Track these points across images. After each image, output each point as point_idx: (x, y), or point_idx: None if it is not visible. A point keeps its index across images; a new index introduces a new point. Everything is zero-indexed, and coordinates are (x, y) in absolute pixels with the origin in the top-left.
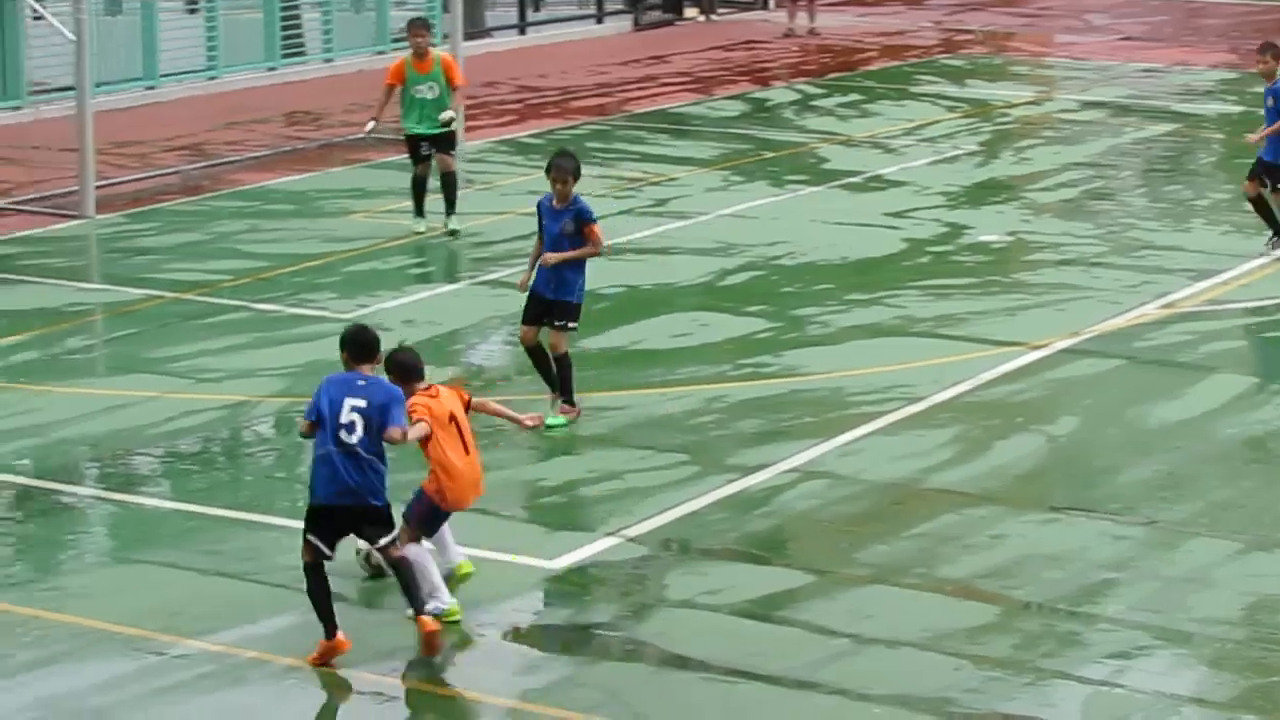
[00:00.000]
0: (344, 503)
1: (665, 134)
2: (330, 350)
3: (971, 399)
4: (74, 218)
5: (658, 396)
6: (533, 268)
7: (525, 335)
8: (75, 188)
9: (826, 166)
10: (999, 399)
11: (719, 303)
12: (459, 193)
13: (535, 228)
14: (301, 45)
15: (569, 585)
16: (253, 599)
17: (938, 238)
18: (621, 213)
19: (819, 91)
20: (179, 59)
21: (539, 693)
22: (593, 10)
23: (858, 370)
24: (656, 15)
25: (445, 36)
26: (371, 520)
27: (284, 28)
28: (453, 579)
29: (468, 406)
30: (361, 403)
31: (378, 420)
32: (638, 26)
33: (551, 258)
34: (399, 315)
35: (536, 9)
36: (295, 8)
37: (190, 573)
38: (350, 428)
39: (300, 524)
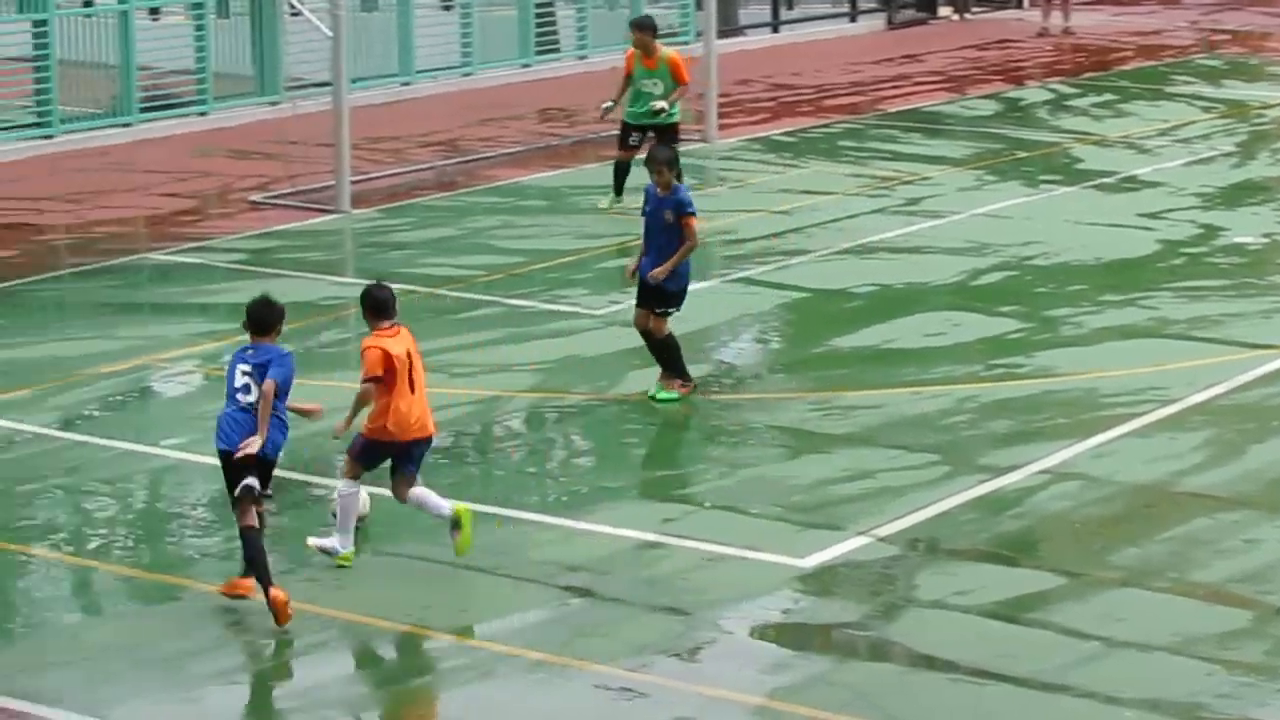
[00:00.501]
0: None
1: (918, 133)
2: (584, 345)
3: (1226, 402)
4: (329, 212)
5: (910, 396)
6: (640, 256)
7: (637, 319)
8: (331, 183)
9: (1080, 167)
10: (1254, 402)
11: (971, 302)
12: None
13: (786, 227)
14: (556, 42)
15: (818, 584)
16: (502, 593)
17: (1192, 239)
18: (874, 211)
19: (1073, 91)
20: (434, 55)
21: (787, 691)
22: (846, 9)
23: (1111, 372)
24: (910, 14)
25: (699, 34)
26: (255, 468)
27: (538, 24)
28: (459, 528)
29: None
30: (248, 367)
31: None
32: (891, 25)
33: (657, 274)
34: None
35: (790, 7)
36: (549, 5)
37: (441, 566)
38: (245, 389)
39: (552, 518)
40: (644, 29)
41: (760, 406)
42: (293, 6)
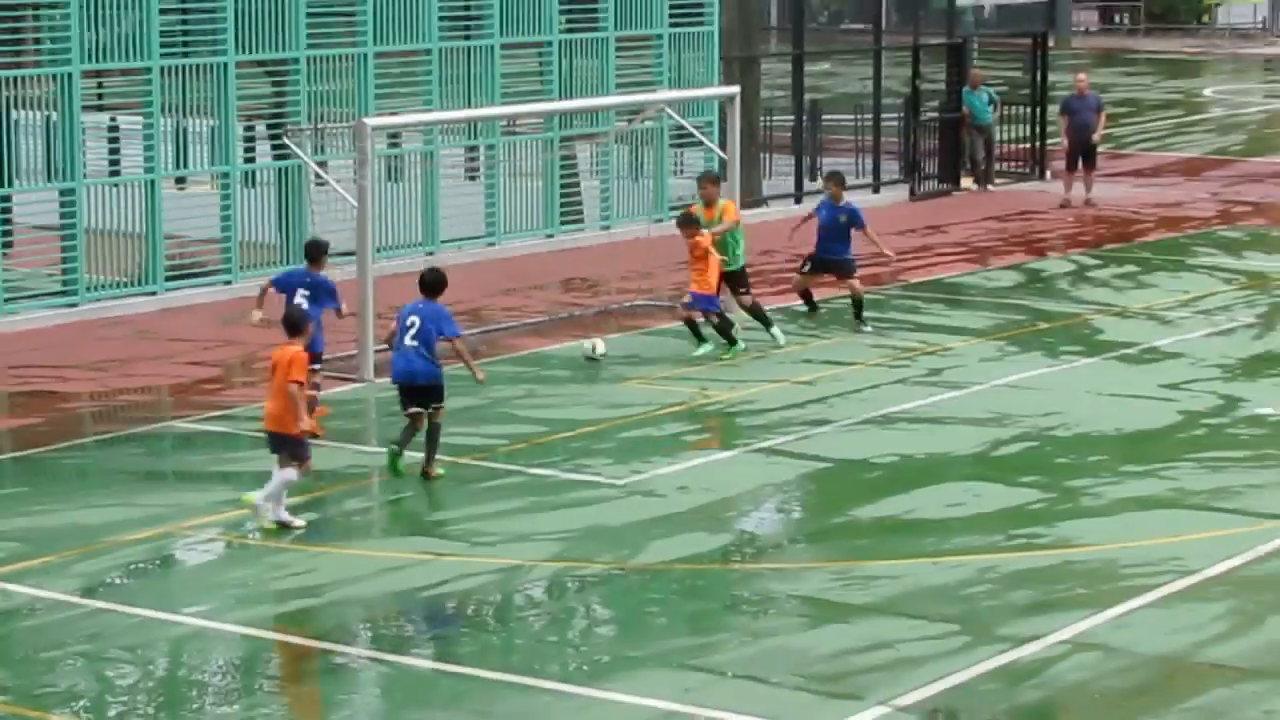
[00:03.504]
0: None
1: (940, 304)
2: (606, 515)
3: (1246, 573)
4: (353, 381)
5: (930, 566)
6: None
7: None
8: (354, 352)
9: (1101, 338)
10: (1274, 573)
11: (992, 473)
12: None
13: (808, 397)
14: (580, 212)
15: None
16: None
17: (1213, 410)
18: (896, 382)
19: (1094, 262)
20: (458, 225)
21: None
22: (869, 180)
23: (1131, 542)
24: (933, 185)
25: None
26: None
27: (563, 195)
28: None
29: (300, 383)
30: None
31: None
32: (914, 196)
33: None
34: (673, 481)
35: (814, 179)
36: (574, 176)
37: None
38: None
39: (572, 687)
40: (717, 182)
41: (781, 576)
42: (318, 176)
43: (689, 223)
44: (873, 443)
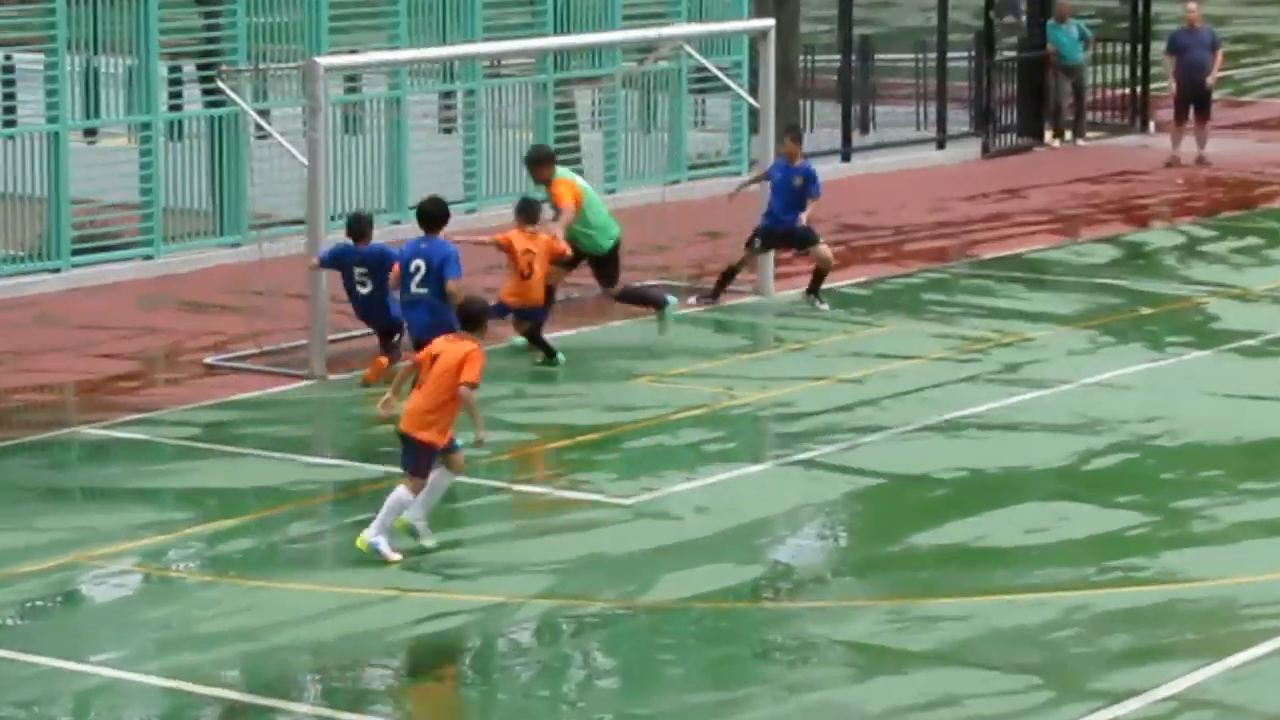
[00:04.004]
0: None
1: (1019, 284)
2: (609, 542)
3: None
4: (301, 378)
5: (1006, 604)
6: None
7: None
8: (304, 342)
9: (1216, 326)
10: None
11: (1082, 491)
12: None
13: (857, 398)
14: (579, 172)
15: None
16: None
17: None
18: (964, 380)
19: (1208, 234)
20: (431, 188)
21: None
22: (933, 134)
23: (1252, 576)
24: (1010, 140)
25: (753, 162)
26: None
27: (558, 151)
28: None
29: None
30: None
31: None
32: (988, 153)
33: None
34: (691, 501)
35: (865, 132)
36: (573, 127)
37: None
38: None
39: None
40: (542, 162)
41: (824, 616)
42: (260, 128)
43: (526, 210)
44: (935, 454)
